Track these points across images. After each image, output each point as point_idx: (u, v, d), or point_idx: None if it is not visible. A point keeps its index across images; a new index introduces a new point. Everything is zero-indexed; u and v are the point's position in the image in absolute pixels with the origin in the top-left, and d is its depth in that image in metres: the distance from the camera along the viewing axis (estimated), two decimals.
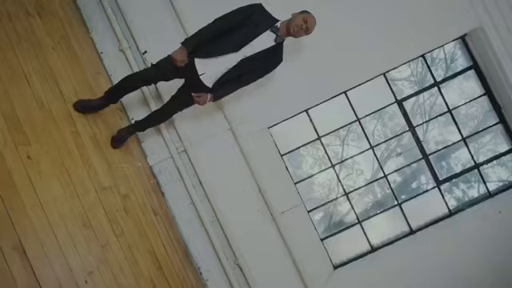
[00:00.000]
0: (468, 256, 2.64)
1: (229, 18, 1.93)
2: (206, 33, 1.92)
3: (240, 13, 1.94)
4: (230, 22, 1.93)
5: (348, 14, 2.65)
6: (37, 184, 1.48)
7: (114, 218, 1.91)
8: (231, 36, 1.94)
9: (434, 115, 3.30)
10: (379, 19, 2.66)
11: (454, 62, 4.24)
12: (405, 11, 2.67)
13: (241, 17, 1.94)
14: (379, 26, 2.66)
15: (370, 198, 5.07)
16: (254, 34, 1.95)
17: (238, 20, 1.93)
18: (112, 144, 2.25)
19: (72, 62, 2.23)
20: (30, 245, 1.32)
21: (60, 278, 1.37)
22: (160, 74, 2.03)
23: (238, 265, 2.65)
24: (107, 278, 1.62)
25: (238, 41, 1.94)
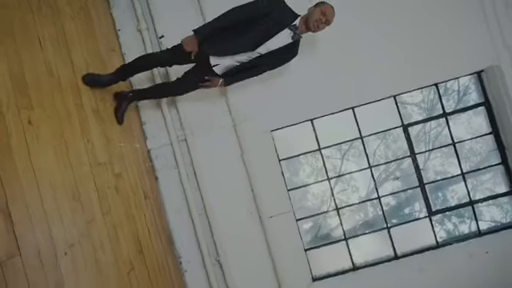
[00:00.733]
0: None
1: (246, 10, 1.86)
2: (220, 23, 1.88)
3: (260, 8, 1.86)
4: (248, 15, 1.86)
5: (372, 30, 2.64)
6: (33, 149, 1.48)
7: (104, 195, 1.91)
8: (248, 34, 1.90)
9: (438, 145, 3.30)
10: (400, 40, 2.66)
11: (467, 95, 4.21)
12: (427, 38, 2.66)
13: (260, 13, 1.87)
14: (399, 48, 2.66)
15: (361, 217, 5.05)
16: (272, 33, 1.91)
17: (256, 15, 1.87)
18: (115, 114, 2.25)
19: (88, 35, 2.24)
20: (16, 208, 1.32)
21: (40, 246, 1.37)
22: (174, 57, 2.03)
23: (219, 261, 2.65)
24: (87, 253, 1.62)
25: (255, 40, 1.91)
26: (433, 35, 2.66)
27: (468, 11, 2.65)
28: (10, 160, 1.36)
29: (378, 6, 2.65)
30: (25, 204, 1.37)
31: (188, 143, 2.66)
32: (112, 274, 1.76)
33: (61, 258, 1.46)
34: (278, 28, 1.91)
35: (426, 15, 2.66)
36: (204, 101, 2.62)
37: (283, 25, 1.92)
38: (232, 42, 1.92)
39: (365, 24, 2.63)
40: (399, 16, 2.66)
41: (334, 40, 2.51)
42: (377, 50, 2.65)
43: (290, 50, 2.03)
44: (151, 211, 2.47)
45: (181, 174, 2.66)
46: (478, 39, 2.66)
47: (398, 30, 2.66)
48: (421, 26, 2.66)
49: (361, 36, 2.64)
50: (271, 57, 1.99)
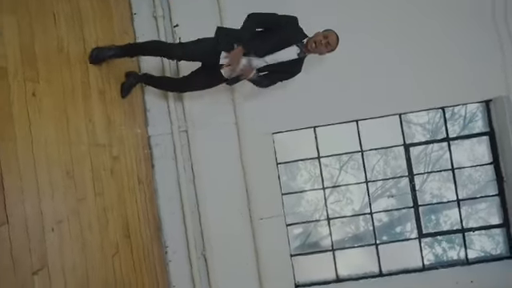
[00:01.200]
0: None
1: (265, 19, 1.99)
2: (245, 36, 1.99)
3: (278, 20, 2.00)
4: (266, 24, 2.00)
5: (385, 47, 2.65)
6: (34, 122, 1.48)
7: (99, 176, 1.92)
8: (261, 42, 2.01)
9: (438, 169, 3.29)
10: (413, 59, 2.66)
11: (473, 122, 4.19)
12: (440, 60, 2.65)
13: (276, 24, 2.01)
14: (410, 67, 2.66)
15: (352, 229, 5.03)
16: (282, 45, 2.03)
17: (273, 26, 2.01)
18: (121, 87, 2.29)
19: (103, 14, 2.24)
20: (10, 177, 1.32)
21: (29, 219, 1.37)
22: (184, 55, 2.07)
23: (204, 256, 2.66)
24: (74, 231, 1.63)
25: (266, 48, 2.02)
26: (446, 58, 2.65)
27: (484, 39, 2.64)
28: (9, 129, 1.36)
29: (394, 24, 2.65)
30: (19, 174, 1.38)
31: (189, 135, 2.67)
32: (96, 255, 1.76)
33: (47, 233, 1.46)
34: (288, 42, 2.05)
35: (443, 38, 2.65)
36: (210, 96, 2.62)
37: (293, 40, 2.06)
38: (246, 43, 1.99)
39: (379, 39, 2.63)
40: (415, 35, 2.65)
41: (346, 52, 2.50)
42: (388, 67, 2.64)
43: (294, 67, 2.15)
44: (143, 197, 2.48)
45: (178, 164, 2.66)
46: (491, 68, 2.65)
47: (411, 49, 2.65)
48: (435, 47, 2.65)
49: (374, 51, 2.63)
50: (275, 68, 2.10)
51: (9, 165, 1.34)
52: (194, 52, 2.04)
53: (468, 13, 2.64)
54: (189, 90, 2.38)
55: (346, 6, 2.62)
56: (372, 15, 2.64)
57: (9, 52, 1.40)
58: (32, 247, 1.37)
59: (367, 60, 2.63)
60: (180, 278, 2.66)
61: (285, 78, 2.25)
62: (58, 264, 1.49)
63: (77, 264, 1.60)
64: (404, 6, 2.65)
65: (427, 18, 2.65)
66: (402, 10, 2.65)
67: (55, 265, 1.46)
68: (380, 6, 2.64)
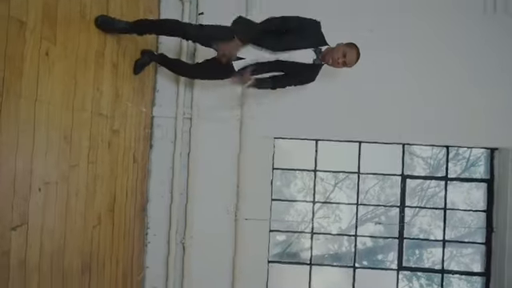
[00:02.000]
0: None
1: (287, 22, 1.95)
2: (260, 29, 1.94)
3: (298, 22, 1.95)
4: (287, 26, 1.95)
5: (402, 75, 2.63)
6: (42, 81, 1.49)
7: (95, 146, 1.93)
8: (277, 37, 1.97)
9: (431, 205, 3.27)
10: (427, 93, 2.64)
11: (475, 166, 4.18)
12: (455, 100, 2.63)
13: (296, 25, 1.95)
14: (424, 100, 2.64)
15: (334, 247, 5.03)
16: (297, 46, 1.98)
17: (293, 26, 1.96)
18: (135, 64, 2.30)
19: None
20: (7, 130, 1.33)
21: (18, 175, 1.38)
22: (201, 37, 2.03)
23: (183, 244, 2.66)
24: (60, 195, 1.64)
25: (280, 44, 1.97)
26: (462, 99, 2.64)
27: (505, 88, 2.62)
28: (16, 83, 1.37)
29: (416, 55, 2.63)
30: (17, 129, 1.39)
31: (192, 123, 2.67)
32: (77, 223, 1.77)
33: (33, 192, 1.47)
34: (305, 43, 1.98)
35: (463, 78, 2.63)
36: (220, 89, 2.63)
37: (310, 43, 1.99)
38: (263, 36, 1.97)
39: (399, 67, 2.62)
40: (436, 70, 2.64)
41: (364, 71, 2.50)
42: (401, 95, 2.63)
43: (308, 73, 2.09)
44: (135, 175, 2.49)
45: (175, 149, 2.67)
46: (504, 118, 2.63)
47: (429, 83, 2.63)
48: (453, 86, 2.64)
49: (391, 77, 2.62)
50: (287, 67, 2.04)
51: (9, 117, 1.35)
52: (209, 35, 1.99)
53: (494, 59, 2.62)
54: (198, 77, 2.37)
55: (373, 24, 2.61)
56: (397, 41, 2.63)
57: (31, 8, 1.41)
58: (15, 203, 1.38)
59: (383, 84, 2.62)
60: (155, 261, 2.67)
61: (296, 82, 2.19)
62: (38, 224, 1.50)
63: (56, 228, 1.61)
64: (429, 38, 2.63)
65: (450, 55, 2.64)
66: (426, 43, 2.64)
67: (35, 224, 1.47)
68: (406, 34, 2.63)
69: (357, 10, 2.62)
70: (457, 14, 2.63)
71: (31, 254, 1.45)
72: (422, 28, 2.63)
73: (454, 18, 2.63)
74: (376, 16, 2.62)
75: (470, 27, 2.63)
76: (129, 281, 2.42)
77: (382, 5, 2.64)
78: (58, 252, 1.63)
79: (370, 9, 2.63)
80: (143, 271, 2.66)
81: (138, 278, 2.59)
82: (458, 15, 2.63)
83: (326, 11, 2.12)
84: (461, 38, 2.63)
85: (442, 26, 2.63)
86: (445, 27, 2.63)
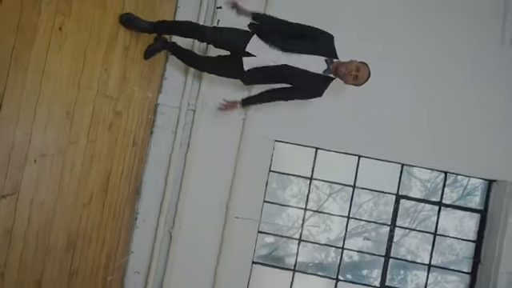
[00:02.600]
0: None
1: (303, 28, 1.97)
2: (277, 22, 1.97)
3: (313, 30, 1.97)
4: (301, 31, 1.97)
5: (411, 97, 2.63)
6: (51, 54, 1.50)
7: (96, 125, 1.93)
8: (290, 38, 1.97)
9: (423, 228, 3.26)
10: (434, 117, 2.64)
11: (471, 195, 4.16)
12: (461, 126, 2.63)
13: (311, 32, 1.97)
14: (429, 122, 2.64)
15: (320, 257, 5.02)
16: (308, 50, 1.96)
17: (307, 32, 1.97)
18: (146, 49, 2.31)
19: None
20: (10, 100, 1.34)
21: (15, 144, 1.39)
22: (215, 39, 2.06)
23: (171, 233, 2.67)
24: (55, 169, 1.65)
25: (291, 45, 1.95)
26: (466, 127, 2.63)
27: (508, 122, 2.61)
28: (26, 53, 1.38)
29: (425, 78, 2.63)
30: (20, 99, 1.39)
31: (195, 115, 2.68)
32: (68, 199, 1.78)
33: (29, 163, 1.48)
34: (316, 50, 1.97)
35: (469, 106, 2.63)
36: (228, 86, 2.62)
37: (321, 51, 1.98)
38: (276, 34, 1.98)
39: (407, 87, 2.62)
40: (443, 95, 2.64)
41: (372, 87, 2.49)
42: (406, 116, 2.63)
43: (317, 85, 2.05)
44: (132, 159, 2.49)
45: (176, 138, 2.68)
46: (505, 151, 2.62)
47: (434, 107, 2.63)
48: (460, 112, 2.63)
49: (399, 96, 2.63)
50: (294, 75, 2.00)
51: (14, 87, 1.35)
52: (225, 38, 2.04)
53: (505, 92, 2.61)
54: (208, 71, 2.37)
55: (385, 42, 2.60)
56: (409, 62, 2.62)
57: None
58: (10, 171, 1.39)
59: (389, 103, 2.62)
60: (141, 246, 2.68)
61: (302, 95, 2.15)
62: (29, 195, 1.51)
63: (47, 201, 1.62)
64: (441, 63, 2.63)
65: (460, 82, 2.63)
66: (438, 67, 2.63)
67: (26, 195, 1.48)
68: (419, 57, 2.63)
69: (372, 29, 2.61)
70: (472, 44, 2.63)
71: (18, 224, 1.46)
72: (435, 52, 2.63)
73: (468, 47, 2.63)
74: (389, 35, 2.61)
75: (484, 58, 2.62)
76: (112, 263, 2.43)
77: (398, 27, 2.63)
78: (46, 225, 1.64)
79: (384, 29, 2.63)
80: (127, 255, 2.67)
81: (122, 262, 2.60)
82: (474, 45, 2.62)
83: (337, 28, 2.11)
84: (473, 67, 2.62)
85: (454, 52, 2.63)
86: (458, 54, 2.63)
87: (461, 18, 2.62)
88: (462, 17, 2.62)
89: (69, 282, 1.94)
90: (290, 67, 1.97)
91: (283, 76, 2.03)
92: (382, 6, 2.64)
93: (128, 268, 2.69)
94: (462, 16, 2.62)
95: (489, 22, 2.62)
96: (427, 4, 2.64)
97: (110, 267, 2.42)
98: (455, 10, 2.62)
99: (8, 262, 1.43)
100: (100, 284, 2.32)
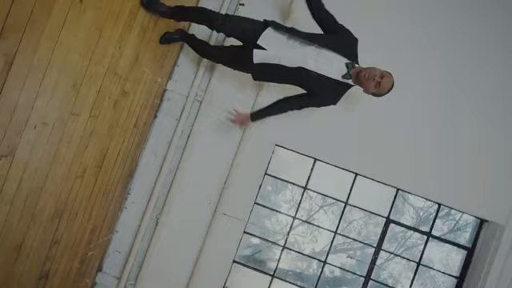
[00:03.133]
0: None
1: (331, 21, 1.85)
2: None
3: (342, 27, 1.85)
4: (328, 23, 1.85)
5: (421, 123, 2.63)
6: (68, 25, 1.50)
7: (101, 102, 1.94)
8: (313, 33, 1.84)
9: (408, 255, 3.26)
10: (437, 147, 2.63)
11: (461, 230, 4.15)
12: (461, 162, 2.62)
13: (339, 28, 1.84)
14: (432, 152, 2.63)
15: (301, 267, 5.03)
16: (330, 46, 1.81)
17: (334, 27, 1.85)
18: (160, 38, 2.29)
19: None
20: (21, 61, 1.34)
21: (18, 107, 1.40)
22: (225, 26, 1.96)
23: (157, 220, 2.68)
24: (53, 138, 1.65)
25: (314, 37, 1.82)
26: (467, 163, 2.63)
27: (509, 164, 2.60)
28: (42, 20, 1.38)
29: (433, 107, 2.63)
30: (31, 64, 1.40)
31: (201, 106, 2.68)
32: (61, 169, 1.79)
33: (28, 128, 1.48)
34: (338, 49, 1.81)
35: (472, 142, 2.62)
36: (238, 83, 2.63)
37: (343, 52, 1.82)
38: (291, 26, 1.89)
39: (413, 115, 2.62)
40: (447, 127, 2.63)
41: (381, 110, 2.51)
42: (409, 142, 2.63)
43: (331, 90, 1.88)
44: (132, 140, 2.50)
45: (177, 127, 2.68)
46: (502, 193, 2.61)
47: (438, 138, 2.63)
48: (462, 148, 2.63)
49: (404, 122, 2.62)
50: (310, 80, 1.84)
51: (26, 50, 1.36)
52: (235, 26, 1.93)
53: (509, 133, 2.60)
54: (219, 61, 2.25)
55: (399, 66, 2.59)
56: (420, 89, 2.62)
57: None
58: (8, 133, 1.40)
59: (394, 127, 2.62)
60: (126, 227, 2.69)
61: (315, 103, 1.96)
62: (23, 160, 1.51)
63: (40, 168, 1.63)
64: (451, 97, 2.63)
65: (467, 118, 2.63)
66: (448, 100, 2.63)
67: (20, 159, 1.49)
68: (431, 86, 2.62)
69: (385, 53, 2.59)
70: (482, 83, 2.61)
71: (8, 187, 1.46)
72: (448, 87, 2.63)
73: (479, 87, 2.61)
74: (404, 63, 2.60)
75: (493, 99, 2.61)
76: (95, 239, 2.43)
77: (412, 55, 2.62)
78: (35, 192, 1.65)
79: (398, 55, 2.62)
80: (112, 234, 2.68)
81: (105, 239, 2.61)
82: (483, 84, 2.61)
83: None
84: (483, 108, 2.62)
85: (465, 91, 2.62)
86: (468, 93, 2.62)
87: (473, 54, 2.61)
88: (475, 52, 2.61)
89: (49, 251, 1.94)
90: (305, 70, 1.82)
91: (296, 78, 1.88)
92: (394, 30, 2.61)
93: (110, 246, 2.70)
94: (474, 51, 2.61)
95: (496, 57, 2.60)
96: (439, 32, 2.62)
97: (93, 243, 2.43)
98: (468, 43, 2.61)
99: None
100: (79, 257, 2.33)
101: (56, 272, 2.08)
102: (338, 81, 1.84)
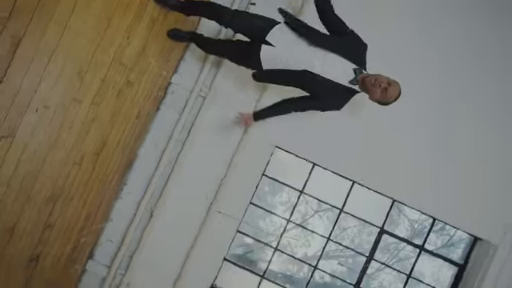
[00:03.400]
0: None
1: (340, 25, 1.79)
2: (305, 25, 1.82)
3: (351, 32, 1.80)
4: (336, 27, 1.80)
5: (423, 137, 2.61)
6: (77, 11, 1.51)
7: (105, 90, 1.94)
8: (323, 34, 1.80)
9: (399, 267, 3.26)
10: (436, 162, 2.62)
11: (454, 246, 4.15)
12: (460, 178, 2.62)
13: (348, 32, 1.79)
14: (431, 167, 2.62)
15: (292, 270, 5.03)
16: (338, 51, 1.75)
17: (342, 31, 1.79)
18: (168, 32, 2.28)
19: None
20: (28, 44, 1.35)
21: (22, 90, 1.40)
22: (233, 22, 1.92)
23: (152, 212, 2.68)
24: (54, 123, 1.66)
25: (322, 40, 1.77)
26: (465, 180, 2.62)
27: (509, 186, 2.60)
28: (52, 5, 1.39)
29: (437, 123, 2.62)
30: (37, 47, 1.41)
31: (204, 102, 2.67)
32: (60, 155, 1.79)
33: (30, 111, 1.49)
34: (346, 53, 1.76)
35: (473, 160, 2.62)
36: (242, 82, 2.62)
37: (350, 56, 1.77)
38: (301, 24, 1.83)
39: (417, 128, 2.61)
40: (448, 142, 2.62)
41: (383, 120, 2.50)
42: (409, 154, 2.62)
43: (336, 96, 1.84)
44: (133, 131, 2.50)
45: (179, 121, 2.67)
46: (499, 213, 2.61)
47: (439, 153, 2.62)
48: (462, 165, 2.62)
49: (406, 135, 2.61)
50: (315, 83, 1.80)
51: (34, 33, 1.36)
52: (244, 22, 1.90)
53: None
54: (223, 55, 2.21)
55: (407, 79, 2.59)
56: (425, 104, 2.61)
57: None
58: (9, 114, 1.40)
59: (396, 139, 2.61)
60: (120, 216, 2.68)
61: (319, 106, 1.92)
62: (23, 142, 1.52)
63: (39, 151, 1.63)
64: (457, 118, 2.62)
65: (470, 136, 2.62)
66: (453, 117, 2.62)
67: (20, 141, 1.49)
68: (437, 103, 2.61)
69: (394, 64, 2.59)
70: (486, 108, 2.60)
71: (6, 168, 1.47)
72: (454, 105, 2.61)
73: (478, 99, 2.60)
74: (411, 76, 2.60)
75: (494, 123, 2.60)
76: (88, 226, 2.44)
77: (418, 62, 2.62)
78: (32, 174, 1.65)
79: (407, 68, 2.61)
80: (106, 222, 2.68)
81: (98, 227, 2.61)
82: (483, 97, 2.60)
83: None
84: (483, 122, 2.61)
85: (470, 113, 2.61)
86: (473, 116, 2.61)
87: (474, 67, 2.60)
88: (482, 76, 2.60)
89: (42, 234, 1.95)
90: (310, 73, 1.77)
91: (300, 81, 1.84)
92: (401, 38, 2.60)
93: (103, 235, 2.70)
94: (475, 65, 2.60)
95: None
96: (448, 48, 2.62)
97: (86, 229, 2.44)
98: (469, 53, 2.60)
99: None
100: (72, 243, 2.33)
101: (47, 256, 2.09)
102: (344, 86, 1.80)
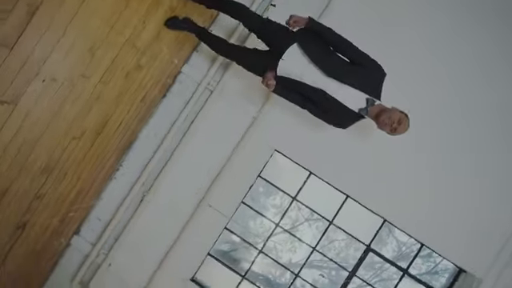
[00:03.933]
0: None
1: (357, 54, 1.80)
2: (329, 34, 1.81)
3: (370, 61, 1.80)
4: (355, 56, 1.80)
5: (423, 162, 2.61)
6: None
7: (114, 70, 1.95)
8: (339, 64, 1.81)
9: (379, 286, 3.24)
10: (434, 188, 2.62)
11: (439, 274, 4.13)
12: (454, 209, 2.61)
13: (367, 63, 1.79)
14: (428, 192, 2.62)
15: (274, 274, 5.02)
16: (352, 83, 1.76)
17: (361, 61, 1.80)
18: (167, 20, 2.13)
19: None
20: (42, 15, 1.36)
21: (30, 58, 1.41)
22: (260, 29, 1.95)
23: (143, 197, 2.69)
24: (59, 95, 1.66)
25: (339, 70, 1.77)
26: (459, 210, 2.61)
27: (501, 222, 2.59)
28: None
29: (439, 150, 2.61)
30: (52, 19, 1.41)
31: (210, 96, 2.68)
32: (60, 127, 1.80)
33: (37, 80, 1.50)
34: (361, 83, 1.76)
35: (472, 193, 2.61)
36: (252, 81, 2.61)
37: (365, 87, 1.77)
38: (320, 48, 1.83)
39: (419, 154, 2.60)
40: (448, 171, 2.62)
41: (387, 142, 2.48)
42: (407, 177, 2.62)
43: (345, 118, 1.88)
44: (136, 113, 2.51)
45: (183, 111, 2.68)
46: (487, 247, 2.59)
47: (437, 180, 2.61)
48: (459, 196, 2.61)
49: (407, 158, 2.60)
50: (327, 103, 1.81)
51: (51, 3, 1.37)
52: (271, 31, 1.91)
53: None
54: (237, 61, 2.20)
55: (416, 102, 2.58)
56: (429, 131, 2.60)
57: None
58: (16, 81, 1.41)
59: (396, 160, 2.60)
60: (111, 197, 2.69)
61: (327, 120, 1.94)
62: (25, 110, 1.53)
63: (40, 122, 1.64)
64: (461, 148, 2.61)
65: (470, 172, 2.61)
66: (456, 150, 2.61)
67: (22, 109, 1.50)
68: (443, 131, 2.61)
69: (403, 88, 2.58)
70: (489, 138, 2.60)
71: (5, 133, 1.48)
72: (460, 134, 2.61)
73: (485, 143, 2.60)
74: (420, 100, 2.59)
75: (496, 158, 2.60)
76: (79, 201, 2.45)
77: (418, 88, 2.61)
78: (30, 143, 1.66)
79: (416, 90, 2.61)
80: (96, 200, 2.69)
81: (88, 204, 2.63)
82: (491, 140, 2.60)
83: None
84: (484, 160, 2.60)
85: (473, 144, 2.60)
86: (476, 147, 2.60)
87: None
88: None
89: (31, 203, 1.96)
90: (325, 94, 1.79)
91: (313, 98, 1.86)
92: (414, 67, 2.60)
93: (92, 212, 2.71)
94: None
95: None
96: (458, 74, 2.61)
97: (76, 205, 2.45)
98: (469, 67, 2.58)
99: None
100: (60, 216, 2.34)
101: (34, 225, 2.10)
102: (353, 111, 1.83)
